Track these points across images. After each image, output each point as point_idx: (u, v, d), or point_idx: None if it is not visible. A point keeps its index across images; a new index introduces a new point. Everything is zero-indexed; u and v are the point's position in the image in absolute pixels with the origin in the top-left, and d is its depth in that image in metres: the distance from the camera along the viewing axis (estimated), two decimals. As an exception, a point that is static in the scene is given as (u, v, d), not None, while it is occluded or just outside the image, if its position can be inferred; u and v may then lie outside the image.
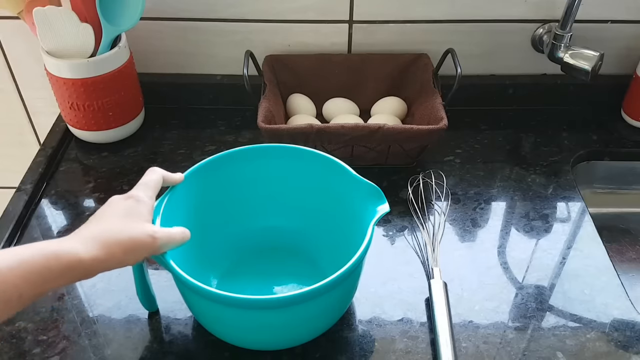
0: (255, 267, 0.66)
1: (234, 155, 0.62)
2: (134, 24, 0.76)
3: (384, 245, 0.70)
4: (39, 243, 0.44)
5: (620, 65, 0.90)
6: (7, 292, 0.41)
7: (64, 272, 0.44)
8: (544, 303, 0.63)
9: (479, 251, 0.69)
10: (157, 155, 0.83)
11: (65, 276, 0.44)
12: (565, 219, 0.73)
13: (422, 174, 0.77)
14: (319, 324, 0.57)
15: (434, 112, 0.76)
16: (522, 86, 0.90)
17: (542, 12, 0.85)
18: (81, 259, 0.45)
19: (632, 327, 0.61)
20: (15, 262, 0.42)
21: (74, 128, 0.83)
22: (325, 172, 0.62)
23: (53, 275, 0.43)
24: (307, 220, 0.66)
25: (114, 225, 0.49)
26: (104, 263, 0.46)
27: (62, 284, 0.45)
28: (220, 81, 0.90)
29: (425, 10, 0.84)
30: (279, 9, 0.84)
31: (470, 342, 0.59)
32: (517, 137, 0.87)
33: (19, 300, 0.42)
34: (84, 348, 0.59)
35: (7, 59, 0.90)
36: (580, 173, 0.86)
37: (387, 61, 0.86)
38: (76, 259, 0.45)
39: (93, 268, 0.46)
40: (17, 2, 0.76)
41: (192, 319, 0.61)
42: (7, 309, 0.42)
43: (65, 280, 0.45)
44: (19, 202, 0.73)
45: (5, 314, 0.42)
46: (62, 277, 0.44)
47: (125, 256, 0.48)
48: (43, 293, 0.44)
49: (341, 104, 0.87)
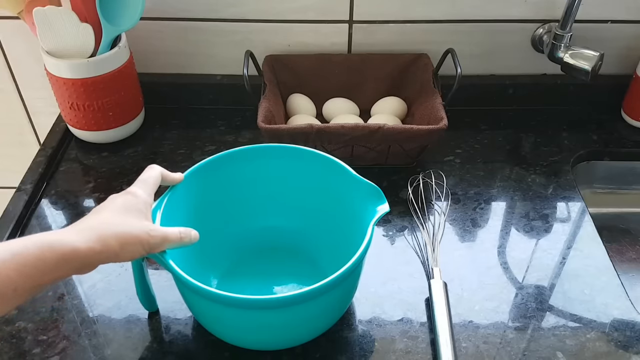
0: (255, 267, 0.66)
1: (234, 155, 0.62)
2: (134, 24, 0.76)
3: (384, 245, 0.70)
4: (34, 235, 0.44)
5: (620, 65, 0.90)
6: (1, 286, 0.40)
7: (59, 264, 0.43)
8: (544, 303, 0.63)
9: (479, 251, 0.69)
10: (157, 155, 0.83)
11: (61, 268, 0.44)
12: (565, 219, 0.73)
13: (422, 174, 0.77)
14: (319, 324, 0.57)
15: (434, 112, 0.76)
16: (522, 86, 0.90)
17: (542, 12, 0.85)
18: (76, 249, 0.44)
19: (632, 327, 0.61)
20: (8, 255, 0.41)
21: (74, 128, 0.83)
22: (325, 172, 0.62)
23: (48, 266, 0.43)
24: (307, 220, 0.66)
25: (111, 218, 0.49)
26: (99, 254, 0.46)
27: (59, 277, 0.44)
28: (220, 81, 0.90)
29: (425, 10, 0.84)
30: (279, 9, 0.84)
31: (470, 342, 0.59)
32: (517, 137, 0.87)
33: (14, 294, 0.41)
34: (84, 348, 0.59)
35: (7, 59, 0.90)
36: (580, 173, 0.86)
37: (387, 61, 0.86)
38: (71, 249, 0.44)
39: (89, 259, 0.45)
40: (17, 2, 0.76)
41: (192, 319, 0.61)
42: (2, 303, 0.41)
43: (62, 272, 0.44)
44: (19, 202, 0.73)
45: (1, 308, 0.42)
46: (57, 269, 0.44)
47: (121, 249, 0.47)
48: (40, 286, 0.43)
49: (341, 104, 0.87)
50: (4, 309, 0.42)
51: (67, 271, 0.45)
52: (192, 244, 0.54)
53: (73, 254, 0.44)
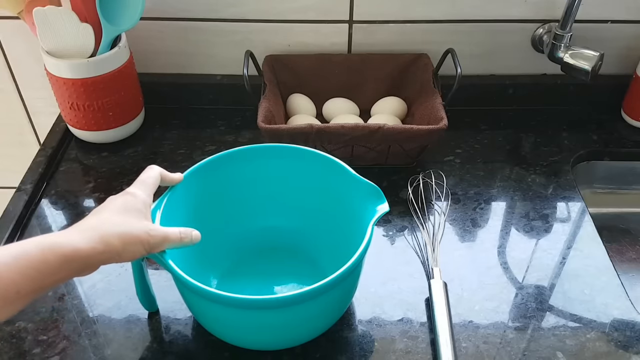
0: (255, 267, 0.66)
1: (233, 155, 0.62)
2: (134, 24, 0.76)
3: (384, 245, 0.70)
4: (35, 237, 0.44)
5: (620, 65, 0.90)
6: (4, 289, 0.41)
7: (61, 265, 0.43)
8: (544, 303, 0.63)
9: (479, 251, 0.69)
10: (157, 156, 0.83)
11: (63, 269, 0.44)
12: (565, 219, 0.73)
13: (422, 174, 0.77)
14: (319, 324, 0.57)
15: (434, 112, 0.76)
16: (522, 86, 0.90)
17: (542, 12, 0.85)
18: (78, 249, 0.44)
19: (632, 327, 0.61)
20: (10, 258, 0.41)
21: (74, 128, 0.83)
22: (325, 171, 0.62)
23: (51, 268, 0.43)
24: (307, 220, 0.66)
25: (112, 218, 0.49)
26: (102, 254, 0.46)
27: (61, 278, 0.44)
28: (220, 81, 0.90)
29: (425, 10, 0.84)
30: (279, 9, 0.84)
31: (470, 342, 0.59)
32: (517, 137, 0.87)
33: (17, 297, 0.41)
34: (84, 348, 0.59)
35: (7, 59, 0.90)
36: (580, 173, 0.86)
37: (387, 61, 0.86)
38: (73, 250, 0.44)
39: (91, 259, 0.45)
40: (17, 2, 0.76)
41: (192, 319, 0.61)
42: (6, 306, 0.42)
43: (65, 274, 0.44)
44: (19, 202, 0.73)
45: (5, 311, 0.42)
46: (60, 270, 0.44)
47: (123, 248, 0.47)
48: (42, 288, 0.43)
49: (341, 104, 0.87)
50: (8, 311, 0.42)
51: (69, 272, 0.45)
52: (192, 249, 0.54)
53: (75, 254, 0.44)
